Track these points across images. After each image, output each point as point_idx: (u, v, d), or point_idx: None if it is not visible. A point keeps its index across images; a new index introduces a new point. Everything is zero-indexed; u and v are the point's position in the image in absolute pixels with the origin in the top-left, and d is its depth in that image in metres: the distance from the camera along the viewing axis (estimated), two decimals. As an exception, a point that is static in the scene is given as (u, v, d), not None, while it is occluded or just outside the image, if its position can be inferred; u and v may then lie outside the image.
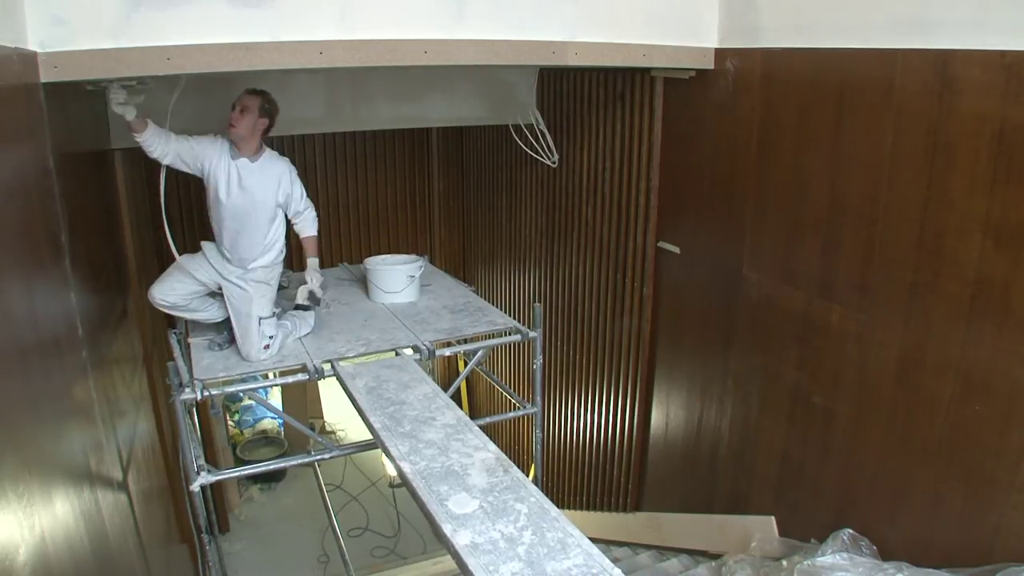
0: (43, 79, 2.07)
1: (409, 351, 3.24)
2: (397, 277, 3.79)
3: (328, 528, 5.01)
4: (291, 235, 3.29)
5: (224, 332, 3.25)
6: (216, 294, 3.19)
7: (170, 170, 3.06)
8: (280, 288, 3.70)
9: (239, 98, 2.96)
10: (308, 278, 3.30)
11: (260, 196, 3.03)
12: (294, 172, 3.15)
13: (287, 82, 3.94)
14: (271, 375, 3.59)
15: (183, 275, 3.09)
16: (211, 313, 3.23)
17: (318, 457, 3.29)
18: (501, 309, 4.06)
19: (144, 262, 3.85)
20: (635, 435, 3.96)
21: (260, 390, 3.40)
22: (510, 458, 2.12)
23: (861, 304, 2.56)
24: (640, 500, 4.08)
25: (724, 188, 3.16)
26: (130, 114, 2.75)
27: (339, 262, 4.86)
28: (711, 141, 3.22)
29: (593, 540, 1.70)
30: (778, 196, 2.88)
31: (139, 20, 2.19)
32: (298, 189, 3.16)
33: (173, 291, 3.08)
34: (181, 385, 2.85)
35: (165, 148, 2.90)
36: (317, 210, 3.32)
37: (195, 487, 2.88)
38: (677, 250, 3.53)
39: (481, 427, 2.38)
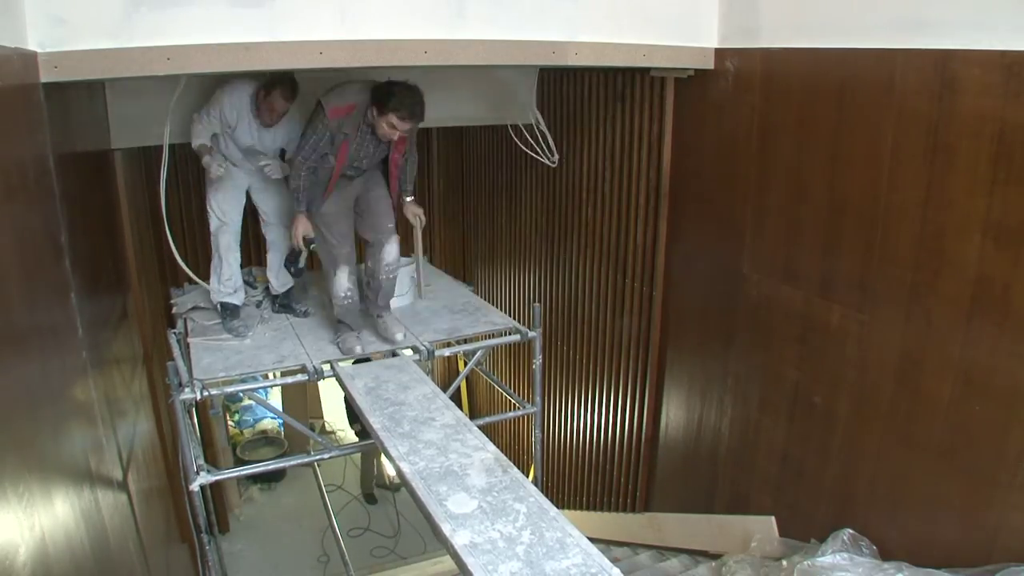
0: (43, 79, 2.07)
1: (408, 351, 3.25)
2: (401, 280, 3.79)
3: (328, 528, 5.01)
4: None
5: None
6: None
7: (169, 172, 3.08)
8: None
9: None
10: None
11: None
12: None
13: (287, 82, 3.94)
14: (271, 375, 3.59)
15: None
16: None
17: (318, 457, 3.29)
18: (501, 309, 4.06)
19: (144, 262, 3.85)
20: (643, 436, 3.96)
21: (260, 390, 3.41)
22: (510, 458, 2.12)
23: (861, 304, 2.55)
24: (648, 501, 4.08)
25: (724, 188, 3.15)
26: None
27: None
28: (711, 141, 3.22)
29: (592, 540, 1.70)
30: (778, 196, 2.88)
31: (139, 20, 2.19)
32: None
33: None
34: (181, 385, 2.86)
35: None
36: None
37: (195, 487, 2.88)
38: None
39: (480, 427, 2.38)
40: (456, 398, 6.23)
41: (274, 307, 3.71)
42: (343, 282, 3.25)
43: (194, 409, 3.33)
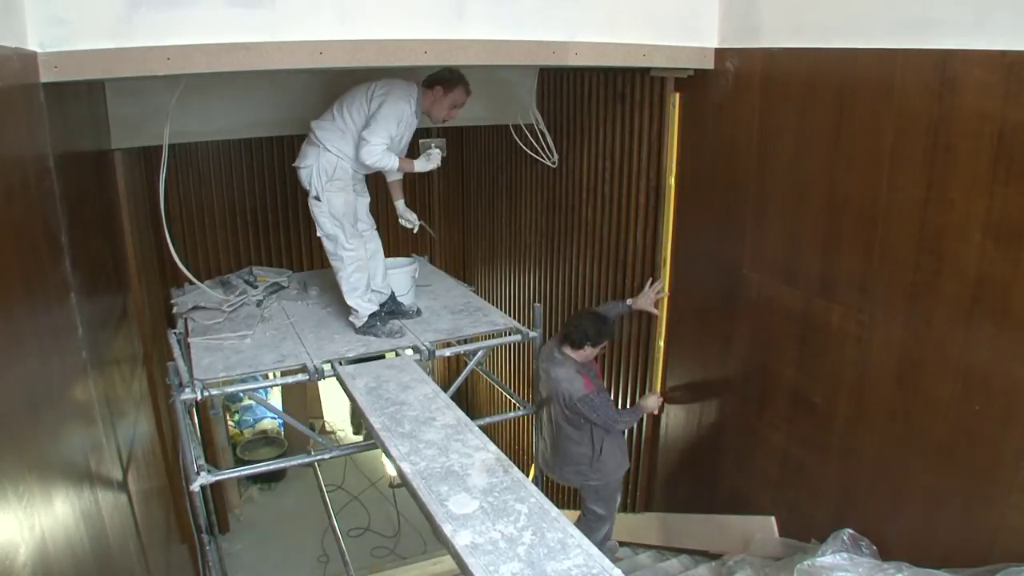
0: (43, 79, 2.07)
1: (409, 351, 3.25)
2: (404, 280, 3.80)
3: (328, 528, 5.01)
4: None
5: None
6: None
7: (168, 172, 3.08)
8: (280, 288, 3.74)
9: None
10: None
11: None
12: None
13: (287, 82, 3.95)
14: (271, 375, 3.59)
15: None
16: None
17: (318, 457, 3.30)
18: (501, 309, 4.07)
19: (144, 262, 3.85)
20: (643, 436, 3.96)
21: (260, 390, 3.41)
22: (510, 458, 2.12)
23: (861, 304, 2.55)
24: (648, 501, 4.08)
25: (724, 188, 3.16)
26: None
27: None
28: (711, 141, 3.22)
29: (593, 540, 1.70)
30: (778, 196, 2.88)
31: (139, 20, 2.19)
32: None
33: None
34: (181, 385, 2.86)
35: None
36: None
37: (195, 487, 2.89)
38: None
39: (481, 427, 2.38)
40: (456, 398, 6.23)
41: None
42: None
43: (194, 409, 3.33)
